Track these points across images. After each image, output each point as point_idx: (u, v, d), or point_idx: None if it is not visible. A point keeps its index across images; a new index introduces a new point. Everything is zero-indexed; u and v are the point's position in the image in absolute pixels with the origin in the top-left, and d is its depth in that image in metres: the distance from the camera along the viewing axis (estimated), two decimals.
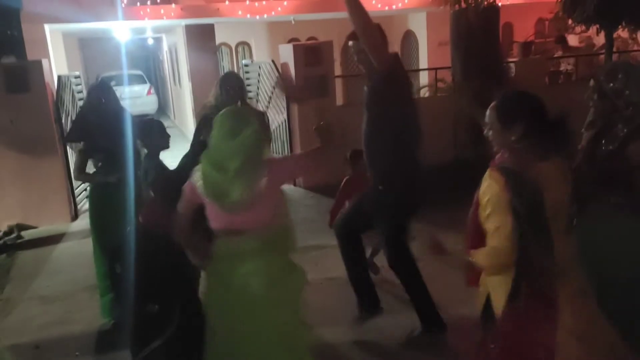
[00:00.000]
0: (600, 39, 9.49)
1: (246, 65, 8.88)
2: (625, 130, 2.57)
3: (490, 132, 2.28)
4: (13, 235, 6.09)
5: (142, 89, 17.83)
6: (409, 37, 13.81)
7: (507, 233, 2.12)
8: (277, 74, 7.66)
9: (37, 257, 5.67)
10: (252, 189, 2.40)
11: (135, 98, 16.68)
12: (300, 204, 6.98)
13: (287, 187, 7.68)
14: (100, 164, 3.98)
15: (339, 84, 10.38)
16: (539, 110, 2.20)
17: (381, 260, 4.83)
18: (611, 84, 2.62)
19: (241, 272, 2.50)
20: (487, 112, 2.29)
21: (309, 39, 13.75)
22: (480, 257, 2.25)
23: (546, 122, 2.19)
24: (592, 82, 2.74)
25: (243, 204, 2.41)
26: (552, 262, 2.14)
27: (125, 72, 17.32)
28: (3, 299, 4.72)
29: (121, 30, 12.77)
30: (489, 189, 2.17)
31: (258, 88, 8.37)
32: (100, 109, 3.95)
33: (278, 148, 8.21)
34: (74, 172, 4.16)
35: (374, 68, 3.36)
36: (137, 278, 2.82)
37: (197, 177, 2.50)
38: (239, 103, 3.96)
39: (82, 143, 4.02)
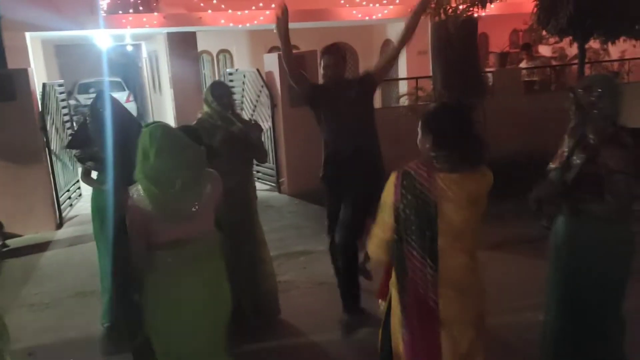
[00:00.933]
0: (572, 50, 9.83)
1: (230, 74, 8.97)
2: (596, 140, 2.70)
3: (418, 140, 2.40)
4: None
5: (121, 96, 17.70)
6: (387, 46, 14.06)
7: (384, 226, 2.37)
8: (261, 83, 7.77)
9: (24, 265, 5.68)
10: (197, 200, 2.53)
11: None
12: (285, 211, 7.09)
13: (271, 194, 7.85)
14: (96, 172, 4.04)
15: None
16: (453, 125, 2.28)
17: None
18: (588, 97, 2.76)
19: (184, 279, 2.58)
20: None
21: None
22: (369, 245, 2.52)
23: (459, 137, 2.25)
24: (570, 94, 2.88)
25: (190, 215, 2.52)
26: (432, 266, 2.27)
27: (105, 79, 17.20)
28: None
29: (100, 37, 12.76)
30: (387, 186, 2.38)
31: (243, 96, 8.46)
32: (98, 119, 3.99)
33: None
34: (81, 177, 4.31)
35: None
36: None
37: (135, 195, 2.52)
38: (230, 112, 4.03)
39: (78, 151, 4.10)
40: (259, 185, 8.00)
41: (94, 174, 4.13)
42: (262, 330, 3.95)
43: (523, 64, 10.16)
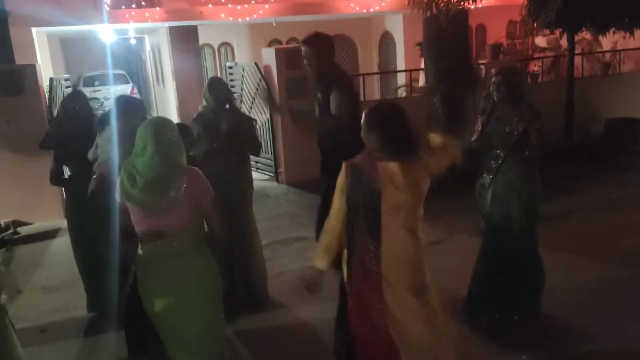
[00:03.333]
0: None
1: (230, 67, 9.22)
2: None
3: (362, 133, 2.72)
4: (10, 232, 6.39)
5: (125, 88, 17.98)
6: (386, 38, 14.25)
7: (338, 213, 2.71)
8: (264, 86, 7.97)
9: (35, 251, 6.00)
10: (167, 196, 2.58)
11: None
12: (282, 199, 7.38)
13: (270, 184, 8.13)
14: (73, 170, 4.23)
15: None
16: (390, 123, 2.62)
17: None
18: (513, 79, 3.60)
19: (164, 271, 2.70)
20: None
21: (289, 39, 14.12)
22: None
23: (395, 134, 2.60)
24: (499, 79, 3.60)
25: (161, 209, 2.59)
26: (375, 245, 2.60)
27: (110, 71, 17.47)
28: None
29: (104, 32, 13.01)
30: (339, 177, 2.73)
31: (242, 89, 8.72)
32: (75, 117, 4.19)
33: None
34: (50, 178, 4.30)
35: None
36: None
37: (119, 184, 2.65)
38: (227, 106, 4.30)
39: (54, 150, 4.24)
40: (258, 175, 8.30)
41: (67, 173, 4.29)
42: (253, 312, 4.23)
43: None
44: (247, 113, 7.77)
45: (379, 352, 2.71)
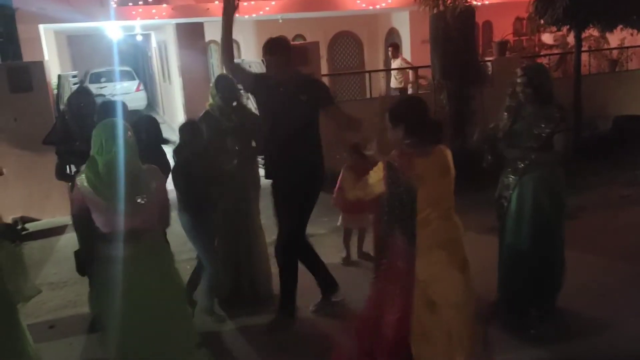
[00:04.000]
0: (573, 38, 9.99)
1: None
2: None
3: (389, 133, 2.83)
4: (17, 228, 6.41)
5: (131, 85, 18.07)
6: (393, 35, 14.22)
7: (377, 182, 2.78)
8: None
9: (43, 247, 6.04)
10: (139, 195, 2.61)
11: (124, 94, 16.93)
12: None
13: None
14: (78, 166, 4.20)
15: (325, 82, 10.77)
16: (418, 114, 2.77)
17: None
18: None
19: (127, 270, 2.66)
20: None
21: (295, 36, 14.10)
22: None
23: (423, 124, 2.75)
24: (525, 80, 3.57)
25: (131, 209, 2.59)
26: (413, 241, 2.69)
27: (116, 68, 17.54)
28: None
29: (111, 28, 13.04)
30: (375, 176, 2.81)
31: None
32: (80, 114, 4.23)
33: None
34: (56, 174, 4.34)
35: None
36: None
37: (81, 182, 2.65)
38: (234, 104, 4.31)
39: (57, 147, 4.27)
40: (263, 172, 8.28)
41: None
42: (258, 307, 4.26)
43: (396, 63, 10.50)
44: (253, 110, 7.78)
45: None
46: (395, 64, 10.59)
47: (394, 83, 10.59)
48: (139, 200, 2.61)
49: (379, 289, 2.85)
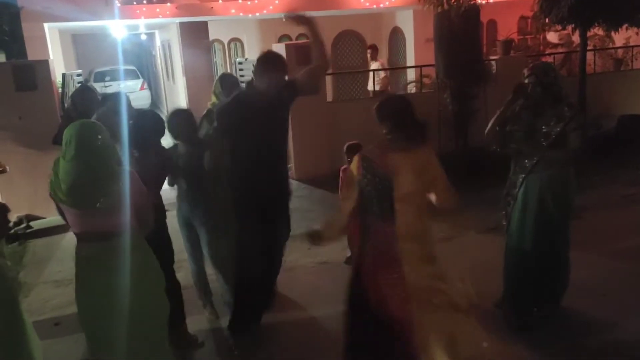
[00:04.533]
0: (578, 37, 9.96)
1: (240, 63, 9.24)
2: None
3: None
4: (23, 225, 6.46)
5: (135, 84, 18.09)
6: (396, 34, 14.19)
7: (350, 199, 2.91)
8: None
9: (48, 244, 6.07)
10: (104, 197, 2.59)
11: (128, 93, 16.92)
12: (293, 195, 7.36)
13: None
14: None
15: (328, 81, 10.79)
16: (402, 112, 2.90)
17: None
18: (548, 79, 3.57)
19: (108, 271, 2.68)
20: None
21: (299, 35, 14.11)
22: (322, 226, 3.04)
23: (406, 123, 2.87)
24: (533, 80, 3.57)
25: (100, 211, 2.59)
26: (391, 226, 2.79)
27: (120, 67, 17.56)
28: (20, 283, 5.10)
29: (115, 27, 13.08)
30: (351, 167, 2.94)
31: None
32: (84, 112, 4.24)
33: None
34: None
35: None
36: None
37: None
38: None
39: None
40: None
41: None
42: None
43: (374, 65, 10.52)
44: None
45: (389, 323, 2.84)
46: (374, 66, 10.58)
47: (371, 86, 10.58)
48: (98, 205, 2.59)
49: (368, 279, 2.92)
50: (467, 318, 2.80)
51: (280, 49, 8.00)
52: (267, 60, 3.62)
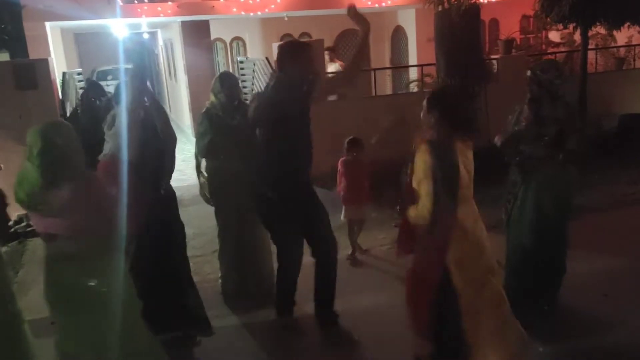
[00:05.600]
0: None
1: (241, 62, 9.24)
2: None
3: (422, 113, 2.95)
4: (23, 224, 6.46)
5: None
6: (398, 33, 14.18)
7: (431, 198, 2.79)
8: (270, 71, 8.02)
9: None
10: (49, 201, 2.55)
11: None
12: None
13: None
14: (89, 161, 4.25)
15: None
16: (454, 102, 2.94)
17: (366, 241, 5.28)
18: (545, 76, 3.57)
19: (70, 274, 2.67)
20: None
21: (301, 34, 14.11)
22: (412, 212, 2.92)
23: (457, 112, 2.89)
24: (531, 77, 3.60)
25: (52, 212, 2.57)
26: (454, 216, 2.83)
27: (122, 66, 17.56)
28: (19, 282, 5.11)
29: (117, 26, 13.08)
30: (421, 158, 2.81)
31: (253, 84, 8.74)
32: (94, 109, 4.24)
33: None
34: None
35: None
36: None
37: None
38: (236, 102, 4.30)
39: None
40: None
41: None
42: (263, 305, 4.25)
43: (332, 67, 10.33)
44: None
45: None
46: (332, 68, 10.50)
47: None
48: (58, 206, 2.57)
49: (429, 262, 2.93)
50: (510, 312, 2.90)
51: None
52: (298, 48, 3.67)
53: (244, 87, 8.70)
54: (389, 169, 4.72)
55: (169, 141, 3.63)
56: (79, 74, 8.17)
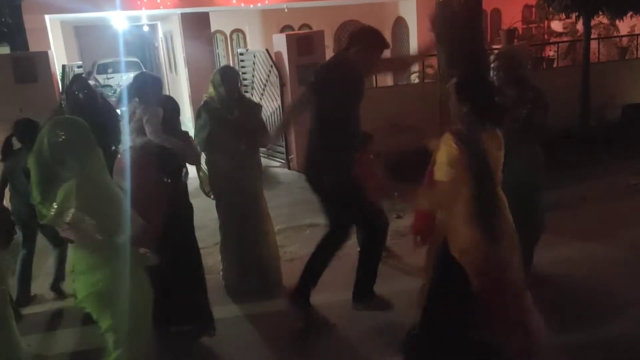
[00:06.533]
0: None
1: (241, 54, 9.20)
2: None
3: (450, 102, 2.85)
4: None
5: None
6: (399, 24, 14.13)
7: (450, 184, 2.72)
8: (271, 63, 7.99)
9: None
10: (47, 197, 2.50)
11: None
12: (294, 186, 7.38)
13: (281, 170, 8.13)
14: None
15: None
16: (486, 92, 2.83)
17: None
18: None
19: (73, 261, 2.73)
20: (451, 85, 2.88)
21: (302, 26, 14.05)
22: (428, 196, 2.89)
23: (488, 103, 2.79)
24: (497, 64, 3.81)
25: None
26: (495, 203, 2.80)
27: (122, 59, 17.55)
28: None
29: (117, 18, 13.04)
30: (446, 149, 2.71)
31: (253, 76, 8.70)
32: (80, 104, 4.22)
33: None
34: None
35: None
36: None
37: None
38: (235, 95, 4.28)
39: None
40: (270, 162, 8.32)
41: None
42: (266, 298, 4.25)
43: None
44: (258, 100, 7.79)
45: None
46: None
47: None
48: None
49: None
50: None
51: (281, 39, 7.97)
52: (377, 37, 3.60)
53: (245, 79, 8.66)
54: (390, 161, 4.73)
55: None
56: (79, 66, 8.15)
